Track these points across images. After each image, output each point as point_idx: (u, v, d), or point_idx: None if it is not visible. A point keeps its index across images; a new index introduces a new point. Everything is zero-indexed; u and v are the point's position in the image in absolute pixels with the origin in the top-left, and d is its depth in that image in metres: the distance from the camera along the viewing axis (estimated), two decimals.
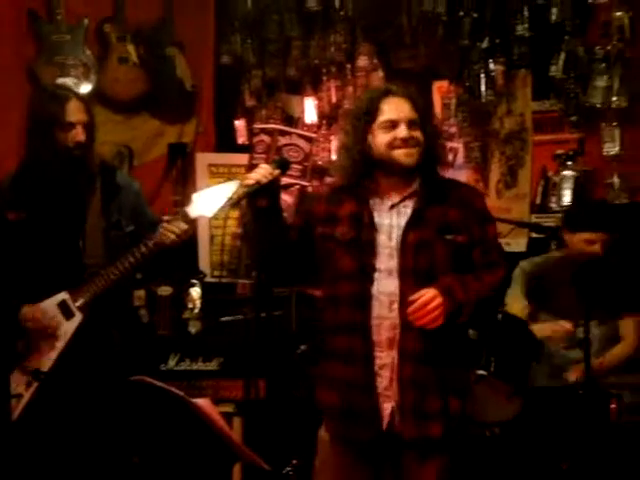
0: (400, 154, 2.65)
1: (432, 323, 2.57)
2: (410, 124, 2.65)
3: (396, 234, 2.67)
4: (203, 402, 2.43)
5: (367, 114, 2.69)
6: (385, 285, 2.66)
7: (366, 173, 2.73)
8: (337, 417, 2.72)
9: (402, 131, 2.64)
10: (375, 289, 2.66)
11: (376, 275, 2.66)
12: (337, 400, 2.71)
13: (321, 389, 2.77)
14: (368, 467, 2.71)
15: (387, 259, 2.67)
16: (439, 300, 2.56)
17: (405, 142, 2.64)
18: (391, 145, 2.66)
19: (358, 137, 2.71)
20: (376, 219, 2.70)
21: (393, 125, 2.66)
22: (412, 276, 2.64)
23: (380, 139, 2.67)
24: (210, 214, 3.06)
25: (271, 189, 2.71)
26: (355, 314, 2.67)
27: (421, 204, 2.68)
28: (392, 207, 2.71)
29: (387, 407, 2.64)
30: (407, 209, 2.70)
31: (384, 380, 2.64)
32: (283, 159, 2.89)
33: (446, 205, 2.69)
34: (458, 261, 2.67)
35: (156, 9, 5.28)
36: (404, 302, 2.61)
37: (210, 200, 3.05)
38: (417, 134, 2.66)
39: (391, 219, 2.70)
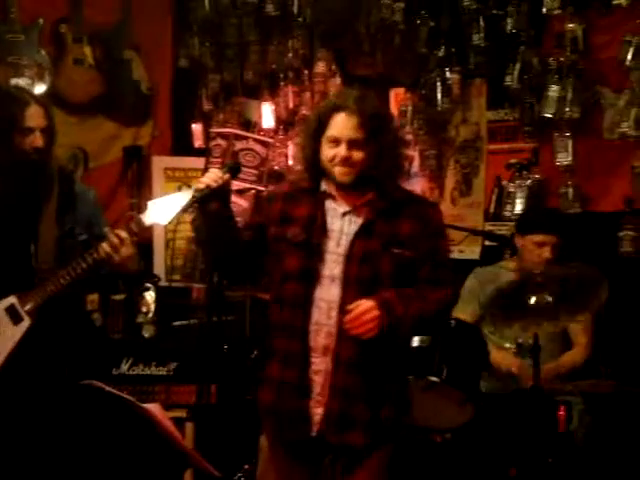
0: (337, 171, 2.68)
1: (365, 334, 2.58)
2: (351, 144, 2.66)
3: (344, 242, 2.69)
4: (153, 407, 2.42)
5: (318, 125, 2.72)
6: (327, 291, 2.68)
7: (322, 177, 2.76)
8: (271, 417, 2.77)
9: (341, 150, 2.66)
10: (317, 294, 2.68)
11: (320, 280, 2.68)
12: (272, 400, 2.74)
13: (261, 389, 2.80)
14: (306, 469, 2.74)
15: (332, 266, 2.69)
16: (375, 313, 2.58)
17: (343, 161, 2.66)
18: (332, 161, 2.69)
19: (311, 145, 2.74)
20: (328, 224, 2.72)
21: (336, 142, 2.68)
22: (354, 286, 2.65)
23: (325, 152, 2.71)
24: (164, 222, 3.04)
25: (222, 193, 2.71)
26: (296, 317, 2.69)
27: (373, 215, 2.70)
28: (345, 214, 2.73)
29: (318, 412, 2.68)
30: (359, 218, 2.72)
31: (317, 386, 2.68)
32: (234, 163, 2.89)
33: (399, 218, 2.70)
34: (402, 275, 2.68)
35: (114, 11, 5.26)
36: (343, 310, 2.63)
37: (164, 208, 3.02)
38: (357, 154, 2.66)
39: (342, 226, 2.72)
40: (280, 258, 2.74)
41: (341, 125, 2.67)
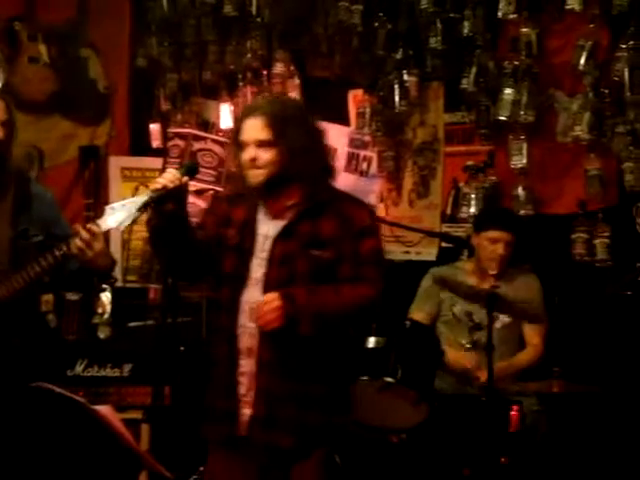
0: (248, 174, 2.70)
1: (268, 324, 2.61)
2: (258, 145, 2.67)
3: (268, 245, 2.72)
4: (104, 409, 2.39)
5: (236, 134, 2.76)
6: (251, 294, 2.71)
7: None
8: (206, 418, 2.81)
9: (247, 152, 2.69)
10: (243, 297, 2.71)
11: (247, 284, 2.71)
12: (207, 401, 2.79)
13: (205, 391, 2.84)
14: (250, 467, 2.75)
15: (257, 269, 2.72)
16: (277, 303, 2.60)
17: (251, 163, 2.68)
18: (243, 166, 2.71)
19: (234, 154, 2.79)
20: (258, 228, 2.75)
21: (244, 146, 2.70)
22: (274, 288, 2.67)
23: (239, 158, 2.74)
24: (121, 227, 3.00)
25: (178, 194, 2.70)
26: (226, 320, 2.74)
27: (295, 217, 2.72)
28: (274, 218, 2.75)
29: (246, 413, 2.71)
30: (284, 221, 2.74)
31: (244, 387, 2.71)
32: (192, 164, 2.88)
33: (322, 219, 2.71)
34: (322, 276, 2.69)
35: (69, 9, 5.22)
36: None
37: (122, 212, 2.99)
38: (265, 155, 2.67)
39: (268, 230, 2.74)
40: (220, 260, 2.77)
41: (247, 128, 2.70)
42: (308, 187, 2.71)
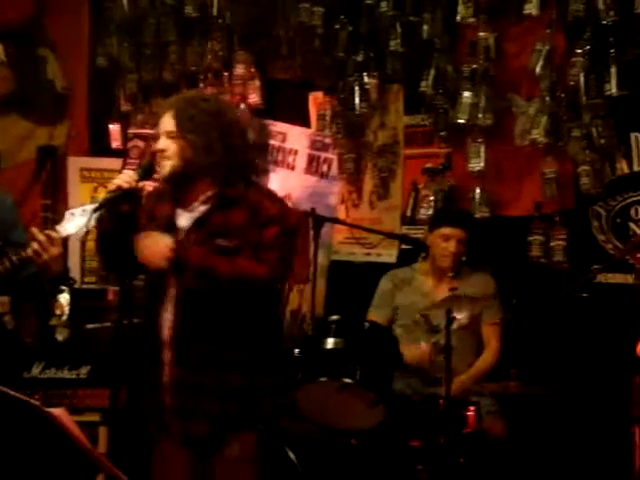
0: (160, 166, 2.79)
1: (155, 261, 2.69)
2: (166, 136, 2.77)
3: (182, 237, 2.79)
4: (59, 412, 2.37)
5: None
6: (170, 285, 2.78)
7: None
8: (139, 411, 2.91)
9: (158, 143, 2.79)
10: (165, 289, 2.78)
11: (168, 276, 2.77)
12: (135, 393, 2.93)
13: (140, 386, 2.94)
14: (184, 456, 2.82)
15: None
16: (170, 244, 2.68)
17: (160, 154, 2.78)
18: (156, 158, 2.81)
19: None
20: (177, 222, 2.82)
21: (158, 138, 2.81)
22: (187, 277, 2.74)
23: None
24: (81, 232, 2.98)
25: (133, 195, 2.70)
26: (153, 312, 2.81)
27: (206, 210, 2.79)
28: (188, 211, 2.82)
29: (167, 401, 2.79)
30: (197, 214, 2.82)
31: (166, 378, 2.77)
32: (148, 165, 2.87)
33: (233, 210, 2.78)
34: None
35: (27, 8, 5.16)
36: (179, 303, 2.74)
37: (82, 218, 2.96)
38: (172, 146, 2.75)
39: (184, 222, 2.82)
40: None
41: (160, 122, 2.80)
42: (219, 181, 2.79)
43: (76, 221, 2.85)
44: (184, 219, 2.82)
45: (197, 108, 2.78)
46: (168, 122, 2.77)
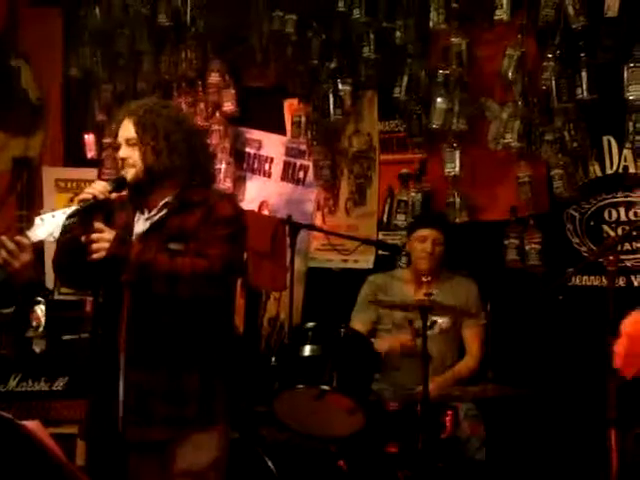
0: (123, 172, 2.81)
1: (95, 252, 2.67)
2: (127, 144, 2.81)
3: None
4: (33, 424, 2.36)
5: (114, 136, 2.89)
6: (124, 291, 2.77)
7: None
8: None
9: (120, 152, 2.82)
10: (121, 295, 2.77)
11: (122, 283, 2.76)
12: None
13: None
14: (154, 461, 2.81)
15: None
16: (109, 236, 2.68)
17: (123, 162, 2.81)
18: (118, 165, 2.84)
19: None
20: (135, 229, 2.84)
21: (119, 146, 2.83)
22: None
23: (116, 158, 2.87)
24: (51, 238, 2.97)
25: (105, 205, 2.70)
26: (110, 321, 2.79)
27: (165, 213, 2.81)
28: (147, 219, 2.84)
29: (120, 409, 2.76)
30: (155, 218, 2.83)
31: (121, 383, 2.75)
32: (121, 177, 2.86)
33: (189, 213, 2.80)
34: None
35: (0, 19, 5.13)
36: (130, 307, 2.74)
37: (52, 223, 2.95)
38: (134, 153, 2.79)
39: (141, 228, 2.84)
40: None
41: (120, 130, 2.83)
42: (178, 185, 2.81)
43: (46, 226, 2.84)
44: (141, 224, 2.83)
45: (157, 114, 2.82)
46: (128, 129, 2.80)
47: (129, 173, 2.78)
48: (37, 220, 2.93)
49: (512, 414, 3.79)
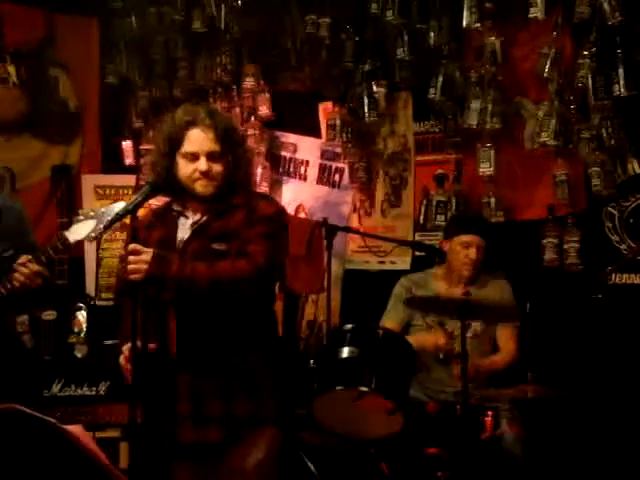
0: (198, 185, 2.80)
1: (132, 273, 2.65)
2: (209, 157, 2.78)
3: (182, 245, 2.84)
4: (76, 429, 2.39)
5: (173, 141, 2.82)
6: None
7: (174, 192, 2.87)
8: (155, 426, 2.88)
9: (202, 164, 2.78)
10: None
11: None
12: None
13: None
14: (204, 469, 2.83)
15: None
16: (147, 257, 2.66)
17: (204, 175, 2.78)
18: (191, 177, 2.80)
19: (165, 162, 2.84)
20: (178, 239, 2.85)
21: (194, 157, 2.79)
22: None
23: (182, 169, 2.82)
24: (90, 238, 3.01)
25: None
26: (159, 325, 2.82)
27: (210, 217, 2.83)
28: (193, 224, 2.85)
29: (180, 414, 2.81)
30: (200, 222, 2.86)
31: (179, 388, 2.79)
32: (151, 182, 2.89)
33: (232, 214, 2.82)
34: None
35: (37, 29, 5.22)
36: (180, 313, 2.76)
37: (90, 224, 3.00)
38: (217, 167, 2.80)
39: (184, 234, 2.85)
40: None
41: (198, 140, 2.79)
42: (229, 193, 2.84)
43: (84, 227, 2.89)
44: (186, 230, 2.85)
45: (230, 125, 2.87)
46: (210, 142, 2.78)
47: (210, 186, 2.79)
48: (74, 220, 2.98)
49: (552, 416, 3.77)
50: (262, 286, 2.81)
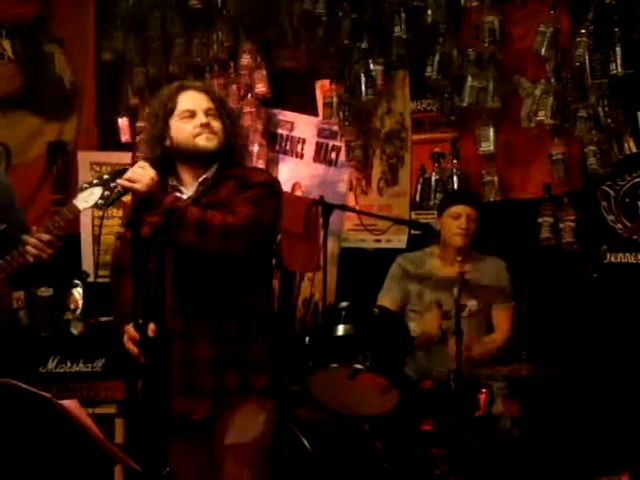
0: (201, 139, 2.81)
1: (133, 181, 2.65)
2: (208, 112, 2.82)
3: None
4: (71, 403, 2.40)
5: (165, 108, 2.83)
6: (166, 261, 2.83)
7: (168, 168, 2.86)
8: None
9: (201, 118, 2.80)
10: (163, 265, 2.83)
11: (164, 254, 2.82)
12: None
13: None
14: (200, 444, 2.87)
15: None
16: (153, 174, 2.67)
17: (205, 127, 2.80)
18: (192, 133, 2.80)
19: (158, 132, 2.84)
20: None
21: (192, 115, 2.81)
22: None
23: (180, 129, 2.82)
24: (98, 206, 2.98)
25: None
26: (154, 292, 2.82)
27: (202, 191, 2.83)
28: (188, 198, 2.84)
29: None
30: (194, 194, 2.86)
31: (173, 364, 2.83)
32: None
33: (225, 185, 2.83)
34: None
35: (33, 5, 5.19)
36: (177, 283, 2.78)
37: (96, 191, 2.97)
38: (215, 122, 2.82)
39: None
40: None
41: (194, 98, 2.83)
42: (223, 164, 2.86)
43: (90, 195, 2.87)
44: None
45: (220, 95, 2.94)
46: (205, 100, 2.83)
47: (213, 140, 2.81)
48: (78, 187, 2.96)
49: (547, 394, 3.79)
50: (249, 244, 2.75)
